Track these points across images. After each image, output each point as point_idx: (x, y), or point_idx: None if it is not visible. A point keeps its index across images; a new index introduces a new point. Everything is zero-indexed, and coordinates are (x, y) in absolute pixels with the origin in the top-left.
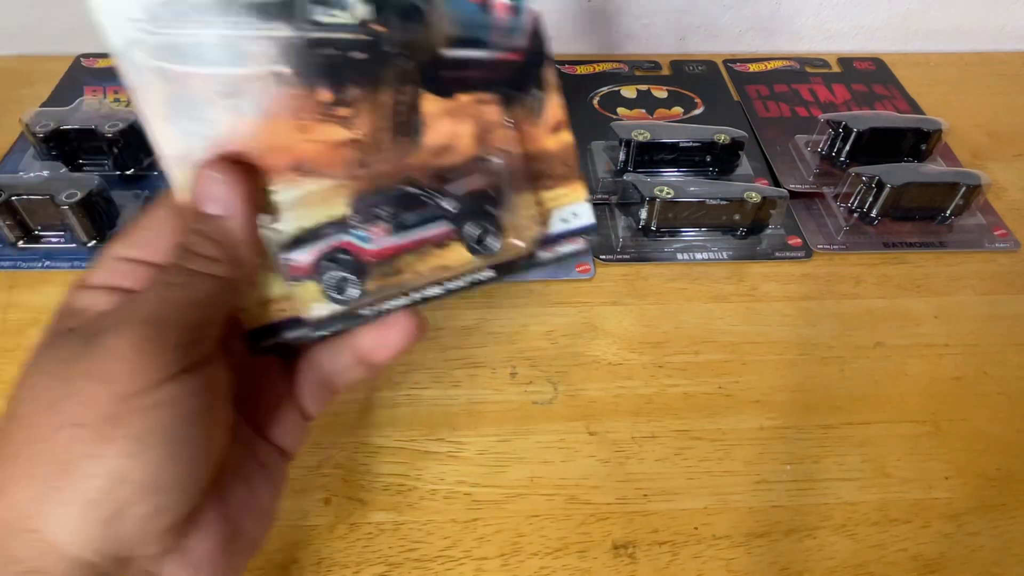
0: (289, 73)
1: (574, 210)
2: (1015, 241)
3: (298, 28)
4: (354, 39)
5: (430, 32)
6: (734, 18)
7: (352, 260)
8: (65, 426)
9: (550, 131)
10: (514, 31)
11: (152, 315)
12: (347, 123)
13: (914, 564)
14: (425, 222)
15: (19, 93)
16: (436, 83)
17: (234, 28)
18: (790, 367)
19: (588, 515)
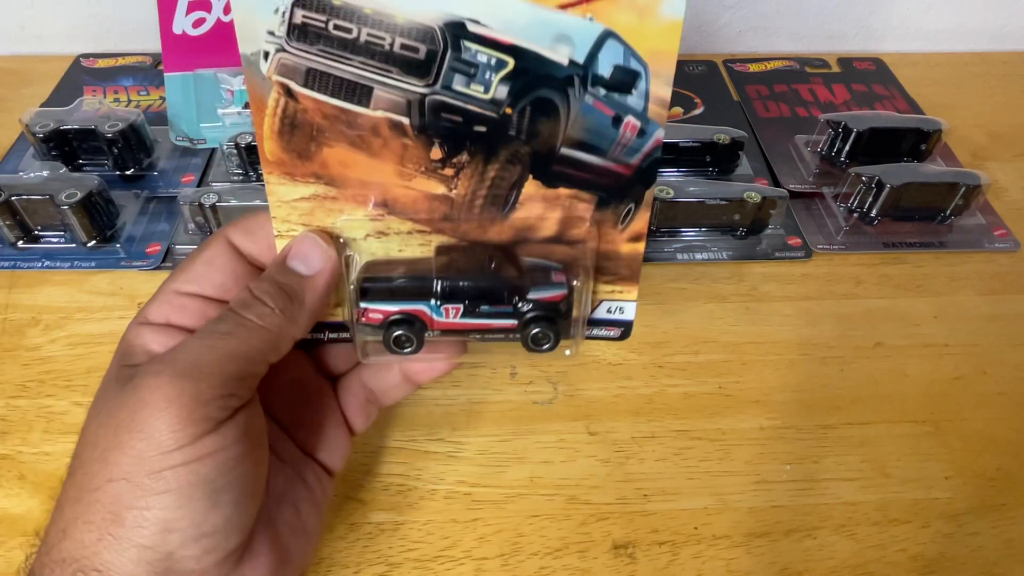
0: (407, 125)
1: (622, 306)
2: (1015, 241)
3: (432, 89)
4: (482, 114)
5: (556, 129)
6: (734, 18)
7: (419, 326)
8: (115, 479)
9: (628, 239)
10: (633, 151)
11: (190, 367)
12: (447, 182)
13: (914, 564)
14: (494, 315)
15: (19, 93)
16: (545, 173)
17: (369, 70)
18: (790, 367)
19: (588, 515)
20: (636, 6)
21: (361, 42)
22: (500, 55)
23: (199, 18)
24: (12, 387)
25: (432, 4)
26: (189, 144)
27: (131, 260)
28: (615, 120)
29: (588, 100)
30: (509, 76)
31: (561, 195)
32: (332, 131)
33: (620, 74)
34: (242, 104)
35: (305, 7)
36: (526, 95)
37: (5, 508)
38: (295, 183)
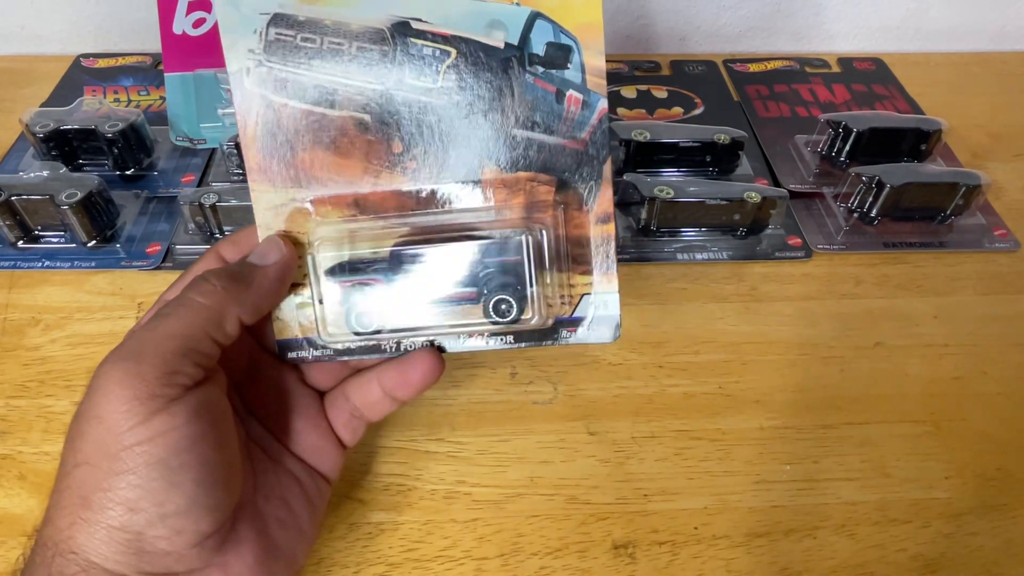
0: (368, 121)
1: (605, 300)
2: (1015, 241)
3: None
4: (433, 103)
5: (504, 110)
6: (734, 18)
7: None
8: (79, 464)
9: (597, 220)
10: (581, 124)
11: (133, 350)
12: (412, 175)
13: (914, 564)
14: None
15: (19, 93)
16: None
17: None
18: (790, 367)
19: (588, 515)
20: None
21: (324, 48)
22: (443, 47)
23: (199, 18)
24: (12, 387)
25: (379, 9)
26: (189, 144)
27: (131, 260)
28: (558, 95)
29: (528, 79)
30: (454, 63)
31: (521, 178)
32: (305, 135)
33: (553, 50)
34: None
35: (277, 25)
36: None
37: (5, 508)
38: (275, 189)
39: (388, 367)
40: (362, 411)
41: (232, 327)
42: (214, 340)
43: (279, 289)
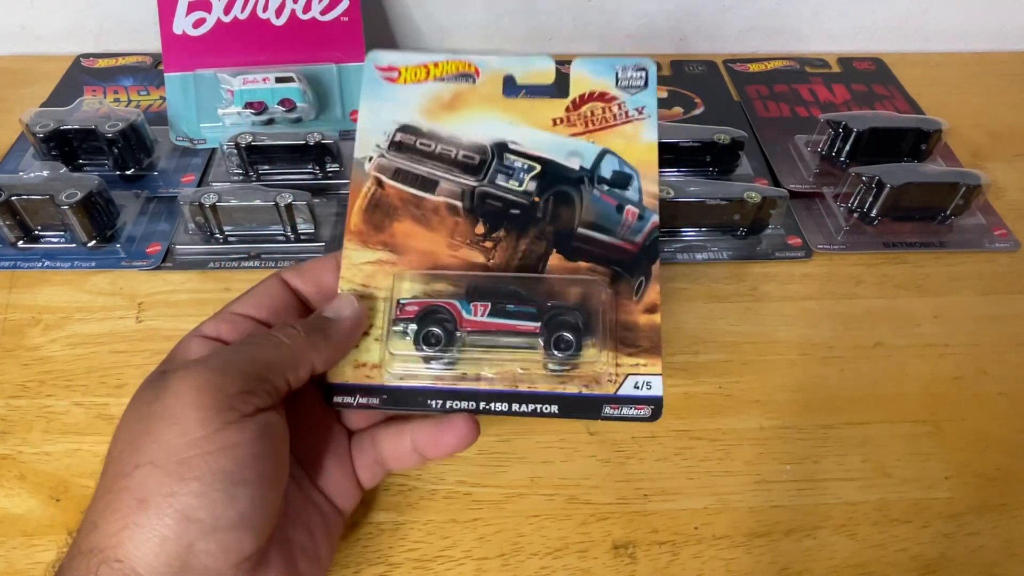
0: (460, 207)
1: (648, 381)
2: (1015, 241)
3: (481, 183)
4: (516, 200)
5: (574, 213)
6: (734, 18)
7: (451, 321)
8: (142, 464)
9: (644, 310)
10: (636, 231)
11: (219, 365)
12: (487, 253)
13: (914, 564)
14: (519, 316)
15: (19, 93)
16: (566, 248)
17: (439, 171)
18: (790, 367)
19: (588, 515)
20: (624, 135)
21: (436, 152)
22: (531, 162)
23: (199, 18)
24: (12, 387)
25: (486, 132)
26: (189, 144)
27: (131, 260)
28: (618, 208)
29: (596, 193)
30: (537, 176)
31: (581, 267)
32: (404, 210)
33: (618, 175)
34: (242, 104)
35: (404, 132)
36: (549, 188)
37: (5, 508)
38: (366, 248)
39: (424, 424)
40: (386, 461)
41: (305, 372)
42: (287, 379)
43: (351, 342)
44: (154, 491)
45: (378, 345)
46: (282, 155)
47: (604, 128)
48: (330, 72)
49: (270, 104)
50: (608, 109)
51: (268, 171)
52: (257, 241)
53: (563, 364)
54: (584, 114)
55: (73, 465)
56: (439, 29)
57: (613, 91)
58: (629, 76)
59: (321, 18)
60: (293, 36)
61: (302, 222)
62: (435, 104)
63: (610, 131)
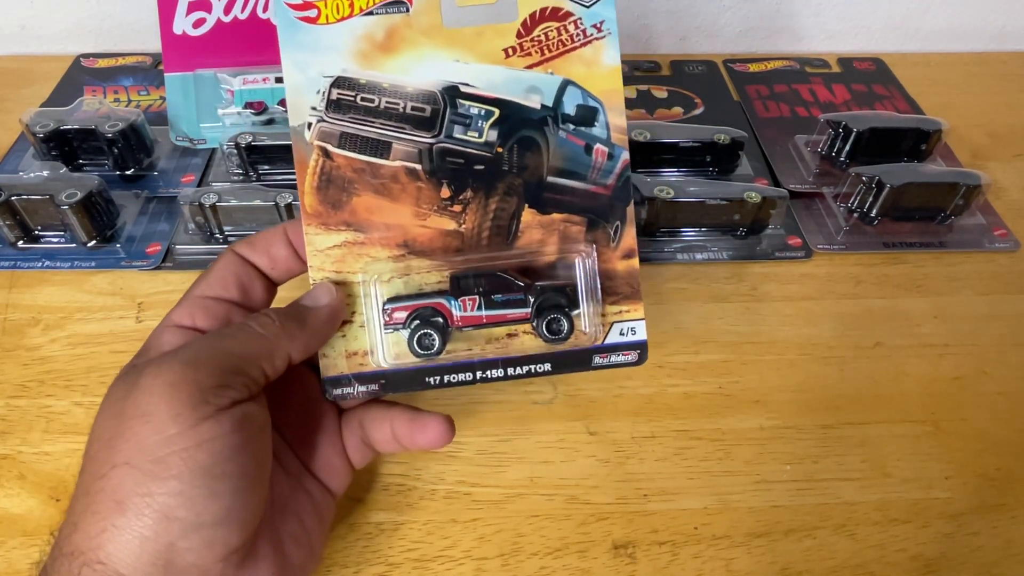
0: (420, 170)
1: (632, 326)
2: (1015, 241)
3: (437, 139)
4: (479, 154)
5: (541, 161)
6: (734, 18)
7: (441, 321)
8: (118, 464)
9: (622, 256)
10: (607, 172)
11: (192, 358)
12: (457, 217)
13: (914, 564)
14: (509, 304)
15: (19, 93)
16: (538, 201)
17: (388, 129)
18: (790, 367)
19: (588, 515)
20: (584, 59)
21: (381, 108)
22: (487, 107)
23: (199, 18)
24: (12, 387)
25: (433, 74)
26: (189, 144)
27: (131, 260)
28: (587, 148)
29: (562, 135)
30: (497, 122)
31: (555, 220)
32: (360, 182)
33: (582, 111)
34: (242, 104)
35: (339, 87)
36: (512, 135)
37: (5, 508)
38: (329, 232)
39: (403, 417)
40: (373, 443)
41: (281, 362)
42: (263, 370)
43: (329, 330)
44: (131, 492)
45: (364, 331)
46: (282, 155)
47: (561, 53)
48: None
49: (270, 104)
50: (564, 29)
51: (268, 171)
52: None
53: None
54: (538, 38)
55: (73, 465)
56: None
57: (567, 4)
58: None
59: None
60: None
61: None
62: (368, 45)
63: (568, 56)
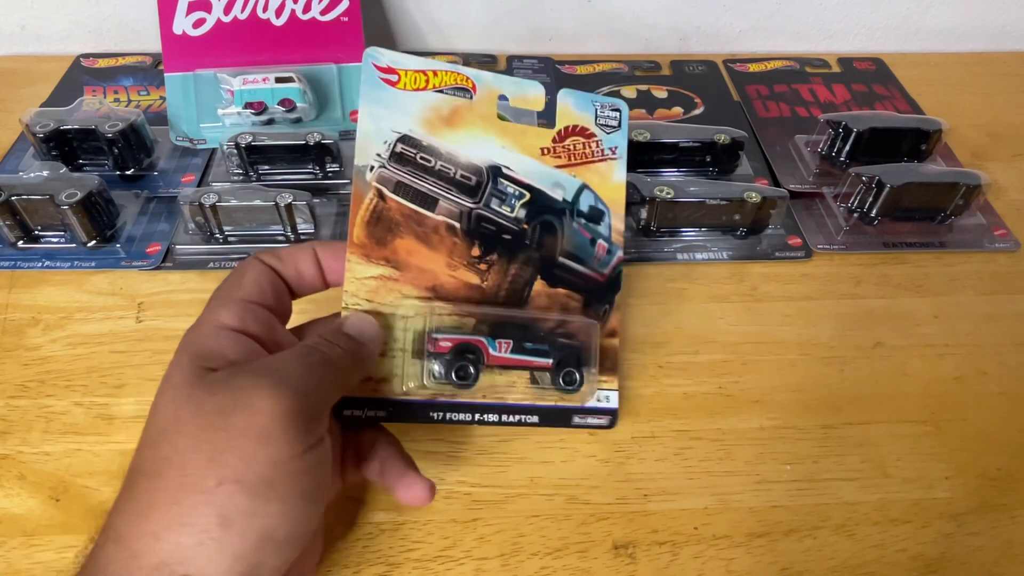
0: (459, 228)
1: (608, 395)
2: (1015, 241)
3: (478, 206)
4: (509, 226)
5: (556, 244)
6: (734, 18)
7: (478, 356)
8: (226, 481)
9: (607, 335)
10: (605, 264)
11: (301, 388)
12: (482, 274)
13: (914, 564)
14: (536, 353)
15: (19, 93)
16: (549, 275)
17: (439, 188)
18: (790, 367)
19: (588, 515)
20: (599, 172)
21: (436, 169)
22: (521, 189)
23: (199, 18)
24: (12, 387)
25: (482, 153)
26: (189, 144)
27: (131, 260)
28: (592, 241)
29: (575, 226)
30: (527, 204)
31: (559, 293)
32: (405, 226)
33: (593, 211)
34: (242, 104)
35: (404, 143)
36: (537, 217)
37: (5, 508)
38: (369, 263)
39: (396, 465)
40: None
41: (350, 390)
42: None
43: (373, 365)
44: (238, 510)
45: (383, 360)
46: (282, 155)
47: (583, 163)
48: (330, 72)
49: (270, 104)
50: (587, 145)
51: (268, 171)
52: (257, 241)
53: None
54: (568, 146)
55: (73, 465)
56: (439, 29)
57: (592, 128)
58: (606, 115)
59: (321, 18)
60: (293, 36)
61: (302, 222)
62: (435, 116)
63: (588, 167)
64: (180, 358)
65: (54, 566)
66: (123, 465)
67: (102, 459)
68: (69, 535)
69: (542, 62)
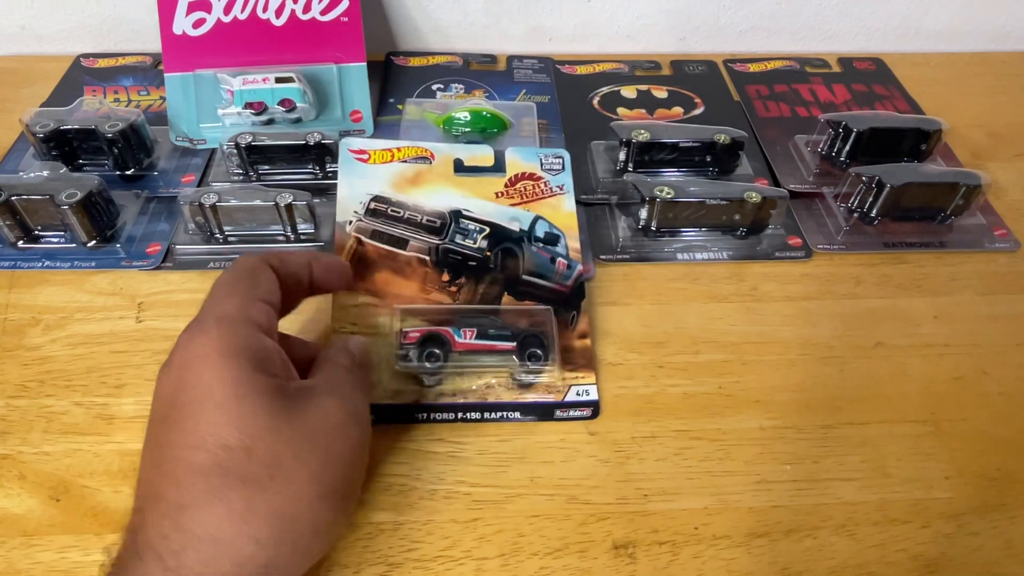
0: (428, 260)
1: (587, 389)
2: (1015, 241)
3: (444, 242)
4: (472, 255)
5: (518, 265)
6: (734, 18)
7: (447, 344)
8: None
9: (578, 336)
10: (566, 277)
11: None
12: (453, 296)
13: (914, 564)
14: (500, 338)
15: (19, 93)
16: (515, 291)
17: (408, 232)
18: (790, 367)
19: (588, 515)
20: (551, 206)
21: (405, 217)
22: (481, 225)
23: (199, 18)
24: (12, 387)
25: (444, 202)
26: (189, 144)
27: (131, 260)
28: (552, 259)
29: (534, 249)
30: (487, 236)
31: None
32: (382, 263)
33: (549, 235)
34: (242, 104)
35: (377, 200)
36: (498, 245)
37: (5, 508)
38: (353, 294)
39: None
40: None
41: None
42: None
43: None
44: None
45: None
46: (282, 155)
47: (535, 200)
48: (330, 72)
49: (270, 104)
50: (536, 185)
51: (268, 171)
52: (257, 241)
53: (531, 373)
54: (519, 189)
55: (73, 465)
56: (439, 29)
57: (539, 172)
58: (551, 162)
59: (321, 18)
60: (293, 36)
61: (302, 222)
62: (401, 179)
63: (540, 202)
64: (240, 362)
65: (54, 566)
66: (123, 465)
67: (102, 459)
68: (69, 535)
69: (542, 62)
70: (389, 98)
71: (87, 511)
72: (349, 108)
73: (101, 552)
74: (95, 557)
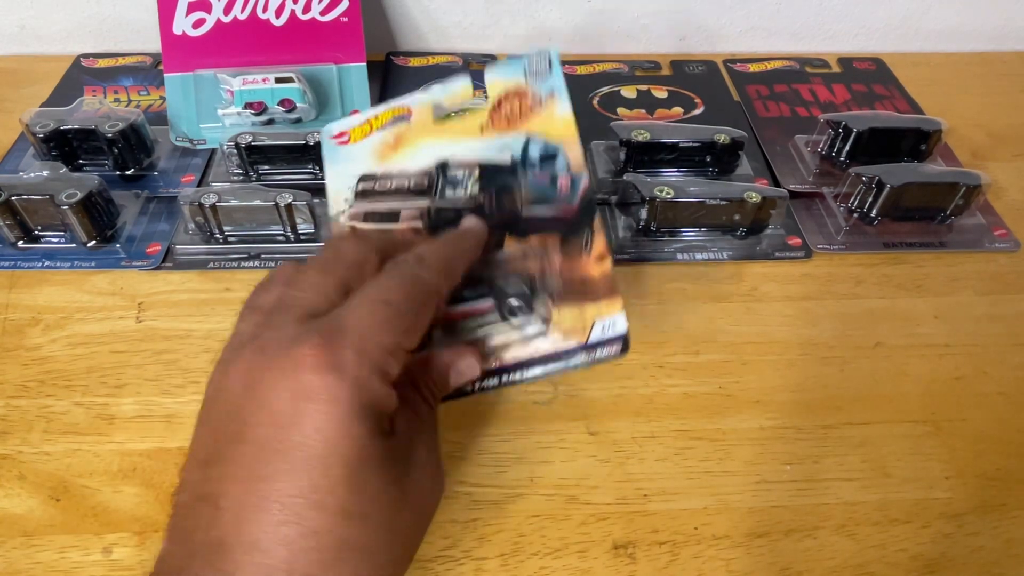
0: (421, 227)
1: (612, 321)
2: (1015, 241)
3: (433, 201)
4: (462, 207)
5: (515, 201)
6: (734, 18)
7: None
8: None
9: (596, 260)
10: (572, 197)
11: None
12: None
13: (914, 564)
14: (475, 299)
15: (19, 93)
16: (517, 230)
17: (397, 202)
18: (790, 367)
19: (588, 515)
20: (542, 118)
21: (393, 188)
22: (469, 169)
23: (199, 18)
24: (12, 387)
25: (429, 156)
26: (189, 144)
27: (131, 260)
28: (552, 180)
29: (531, 175)
30: (479, 179)
31: (533, 242)
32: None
33: (545, 155)
34: (242, 104)
35: (364, 180)
36: (490, 185)
37: (5, 508)
38: None
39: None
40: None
41: None
42: None
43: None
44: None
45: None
46: (282, 155)
47: (525, 119)
48: (330, 72)
49: (270, 104)
50: (522, 102)
51: (268, 171)
52: (257, 241)
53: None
54: (504, 113)
55: (73, 465)
56: (439, 29)
57: (524, 85)
58: (535, 65)
59: (321, 18)
60: (293, 36)
61: (302, 222)
62: (383, 147)
63: (529, 120)
64: (368, 427)
65: (54, 566)
66: (123, 465)
67: (102, 459)
68: (69, 535)
69: None
70: (389, 98)
71: (87, 511)
72: (349, 108)
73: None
74: (95, 557)
